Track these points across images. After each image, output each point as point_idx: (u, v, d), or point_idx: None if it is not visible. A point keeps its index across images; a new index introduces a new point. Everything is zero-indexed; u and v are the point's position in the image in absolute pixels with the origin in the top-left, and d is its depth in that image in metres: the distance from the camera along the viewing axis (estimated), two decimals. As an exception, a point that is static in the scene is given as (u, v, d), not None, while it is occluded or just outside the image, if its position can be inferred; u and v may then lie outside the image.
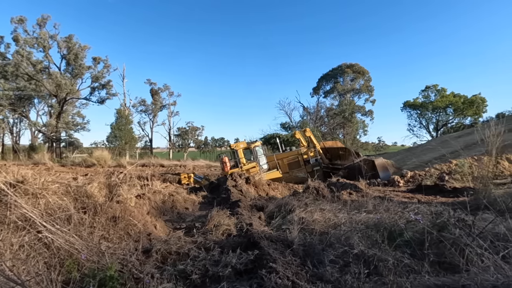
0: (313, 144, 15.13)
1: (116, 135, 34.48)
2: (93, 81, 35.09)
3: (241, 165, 13.69)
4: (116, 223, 3.51)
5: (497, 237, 2.66)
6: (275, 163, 14.49)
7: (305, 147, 15.24)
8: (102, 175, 8.60)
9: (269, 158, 14.89)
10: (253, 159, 14.19)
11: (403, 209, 4.23)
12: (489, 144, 5.46)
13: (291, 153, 15.20)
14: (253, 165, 13.98)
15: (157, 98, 47.59)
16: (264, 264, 2.59)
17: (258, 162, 14.08)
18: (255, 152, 14.31)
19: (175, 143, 51.90)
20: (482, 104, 38.86)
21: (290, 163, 14.75)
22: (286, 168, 14.62)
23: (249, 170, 13.58)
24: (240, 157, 13.87)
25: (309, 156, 14.79)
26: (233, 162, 14.25)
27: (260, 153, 14.59)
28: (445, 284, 1.95)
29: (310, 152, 14.89)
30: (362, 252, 2.69)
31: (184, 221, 5.95)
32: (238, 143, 14.52)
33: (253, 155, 14.27)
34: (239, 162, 13.79)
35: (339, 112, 41.79)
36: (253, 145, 14.50)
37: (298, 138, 15.78)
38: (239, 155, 13.90)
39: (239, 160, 13.82)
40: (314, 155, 14.83)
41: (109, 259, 2.61)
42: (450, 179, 10.11)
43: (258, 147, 14.72)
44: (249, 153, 14.38)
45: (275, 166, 14.45)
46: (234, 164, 14.11)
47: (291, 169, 14.61)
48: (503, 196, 4.69)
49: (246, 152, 14.32)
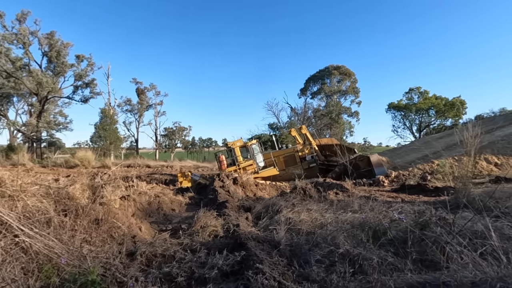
0: (309, 141, 15.33)
1: (101, 135, 33.61)
2: (76, 80, 34.07)
3: (238, 163, 13.74)
4: (99, 225, 3.41)
5: (476, 234, 2.76)
6: (271, 160, 14.59)
7: (301, 145, 15.42)
8: (85, 176, 8.34)
9: (266, 156, 15.01)
10: (250, 157, 14.24)
11: (387, 209, 4.33)
12: (468, 145, 5.66)
13: (287, 151, 15.37)
14: (250, 162, 14.02)
15: (143, 97, 46.77)
16: (250, 265, 2.58)
17: (255, 160, 14.14)
18: (251, 150, 14.40)
19: (161, 143, 51.17)
20: (462, 106, 40.37)
21: (286, 160, 14.92)
22: (283, 165, 14.78)
23: (246, 168, 13.65)
24: (237, 155, 13.92)
25: (305, 153, 14.98)
26: (230, 160, 14.28)
27: (256, 151, 14.69)
28: (427, 282, 2.00)
29: (306, 149, 15.08)
30: (348, 252, 2.73)
31: (171, 222, 5.86)
32: (235, 141, 14.60)
33: (249, 153, 14.34)
34: (236, 160, 13.83)
35: (326, 113, 42.35)
36: (250, 143, 14.63)
37: (294, 135, 16.05)
38: (236, 153, 13.95)
39: (236, 158, 13.87)
40: (310, 152, 15.01)
41: (91, 263, 2.53)
42: (432, 179, 10.42)
43: (254, 145, 14.84)
44: (245, 151, 14.45)
45: (271, 163, 14.56)
46: (231, 163, 14.15)
47: (288, 166, 14.77)
48: (481, 195, 4.87)
49: (243, 150, 14.38)
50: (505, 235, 2.82)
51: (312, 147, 15.05)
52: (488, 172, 11.29)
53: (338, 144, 16.24)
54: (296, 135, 15.85)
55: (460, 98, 40.78)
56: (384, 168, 12.98)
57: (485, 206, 3.84)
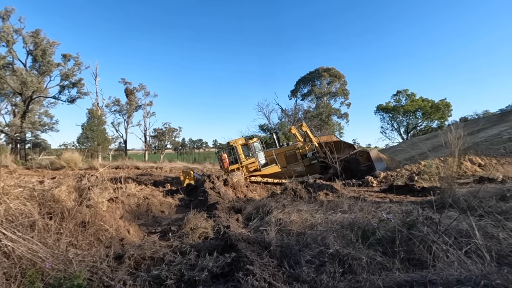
0: (310, 139, 15.50)
1: (88, 136, 32.86)
2: (63, 79, 33.25)
3: (240, 161, 13.80)
4: (86, 228, 3.34)
5: (461, 233, 2.83)
6: (273, 158, 14.71)
7: (301, 142, 15.55)
8: (72, 178, 8.12)
9: (268, 154, 15.17)
10: (251, 155, 14.33)
11: (376, 209, 4.40)
12: (453, 146, 5.81)
13: (288, 148, 15.54)
14: (252, 160, 14.12)
15: (132, 98, 46.03)
16: (241, 266, 2.57)
17: (256, 157, 14.24)
18: (253, 148, 14.50)
19: (151, 144, 50.44)
20: (447, 108, 41.48)
21: (287, 157, 15.10)
22: (284, 162, 14.94)
23: (248, 165, 13.79)
24: (239, 153, 13.95)
25: (306, 150, 15.14)
26: (232, 158, 14.34)
27: (258, 149, 14.79)
28: (414, 280, 2.04)
29: (306, 146, 15.24)
30: (337, 252, 2.75)
31: (160, 224, 5.78)
32: (237, 139, 14.67)
33: (251, 151, 14.44)
34: (239, 158, 13.86)
35: (316, 115, 42.75)
36: (251, 141, 14.73)
37: (293, 133, 16.17)
38: (238, 151, 13.99)
39: (239, 156, 13.89)
40: (310, 149, 15.17)
41: (77, 267, 2.47)
42: (419, 179, 10.64)
43: (256, 143, 14.95)
44: (247, 149, 14.53)
45: (273, 161, 14.66)
46: (232, 161, 14.20)
47: (289, 163, 14.94)
48: (465, 195, 5.01)
49: (244, 149, 14.45)
50: (489, 233, 2.91)
51: (313, 144, 15.23)
52: (472, 172, 11.62)
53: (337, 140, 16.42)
54: (296, 133, 16.04)
55: (446, 101, 41.97)
56: (383, 163, 13.18)
57: (470, 205, 3.94)
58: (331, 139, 16.29)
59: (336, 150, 15.63)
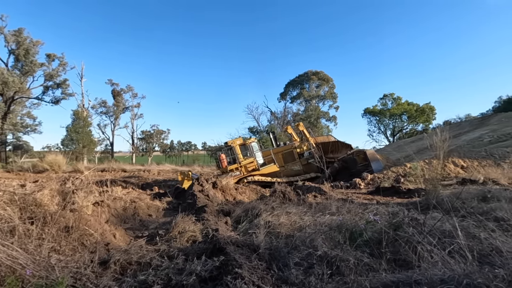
0: (306, 138, 15.66)
1: (73, 138, 32.01)
2: (47, 80, 32.38)
3: (239, 161, 13.85)
4: (70, 233, 3.24)
5: (444, 234, 2.91)
6: (271, 158, 14.81)
7: (297, 142, 15.68)
8: (55, 181, 7.88)
9: (266, 153, 15.28)
10: (249, 155, 14.41)
11: (363, 211, 4.47)
12: (437, 148, 5.99)
13: (285, 148, 15.64)
14: (251, 160, 14.17)
15: (119, 99, 45.19)
16: (229, 270, 2.55)
17: (255, 157, 14.32)
18: (251, 148, 14.61)
19: (138, 147, 49.60)
20: (431, 112, 42.72)
21: (285, 157, 15.21)
22: (282, 162, 15.04)
23: (247, 165, 13.86)
24: (237, 153, 13.99)
25: (303, 149, 15.24)
26: (229, 159, 14.37)
27: (256, 149, 14.88)
28: (400, 281, 2.08)
29: (303, 145, 15.35)
30: (326, 254, 2.77)
31: (147, 228, 5.67)
32: (235, 139, 14.76)
33: (249, 151, 14.54)
34: (237, 158, 13.90)
35: (305, 117, 43.15)
36: (249, 141, 14.85)
37: (290, 133, 16.34)
38: (237, 151, 14.02)
39: (237, 156, 13.93)
40: (307, 148, 15.29)
41: (59, 273, 2.39)
42: (405, 181, 10.88)
43: (254, 143, 15.07)
44: (244, 149, 14.61)
45: (271, 160, 14.76)
46: (230, 161, 14.22)
47: (286, 163, 15.05)
48: (449, 196, 5.15)
49: (242, 149, 14.53)
50: (471, 233, 3.00)
51: (310, 144, 15.36)
52: (455, 174, 11.97)
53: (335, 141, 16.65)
54: (292, 133, 16.22)
55: (430, 105, 43.21)
56: (380, 163, 13.37)
57: (453, 206, 4.06)
58: (328, 139, 16.53)
59: (333, 150, 15.91)
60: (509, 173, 9.92)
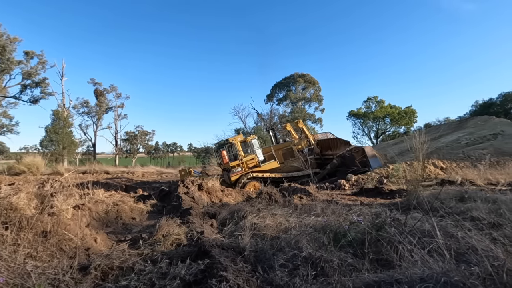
0: (305, 135, 15.89)
1: (52, 139, 30.83)
2: (25, 78, 31.15)
3: (240, 158, 14.00)
4: (47, 238, 3.11)
5: (424, 233, 3.00)
6: (271, 154, 15.00)
7: (296, 138, 15.93)
8: (33, 184, 7.56)
9: (266, 150, 15.49)
10: (250, 152, 14.59)
11: (347, 212, 4.54)
12: (417, 150, 6.18)
13: (285, 144, 15.84)
14: (252, 157, 14.31)
15: (102, 99, 44.00)
16: (214, 273, 2.52)
17: (256, 154, 14.50)
18: (251, 145, 14.80)
19: (122, 148, 48.42)
20: (413, 115, 44.12)
21: (285, 153, 15.34)
22: (281, 158, 15.15)
23: (248, 162, 14.04)
24: (238, 149, 14.16)
25: (302, 146, 15.46)
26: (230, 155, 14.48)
27: (256, 146, 15.05)
28: (381, 280, 2.12)
29: (302, 142, 15.59)
30: (310, 255, 2.80)
31: (130, 232, 5.54)
32: (236, 136, 14.92)
33: (249, 147, 14.74)
34: (238, 154, 14.07)
35: (291, 119, 43.46)
36: (250, 138, 15.06)
37: (289, 130, 16.52)
38: (238, 148, 14.20)
39: (238, 152, 14.09)
40: (306, 145, 15.51)
41: (36, 280, 2.30)
42: (388, 182, 11.16)
43: (254, 139, 15.24)
44: (245, 146, 14.83)
45: (271, 157, 14.92)
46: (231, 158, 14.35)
47: (286, 159, 15.17)
48: (428, 197, 5.32)
49: (242, 146, 14.70)
50: (449, 233, 3.10)
51: (309, 140, 15.60)
52: (435, 175, 12.39)
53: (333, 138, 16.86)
54: (291, 130, 16.42)
55: (412, 108, 44.64)
56: (378, 160, 13.61)
57: (432, 207, 4.20)
58: (327, 136, 16.76)
59: (332, 147, 16.16)
60: (485, 174, 10.38)
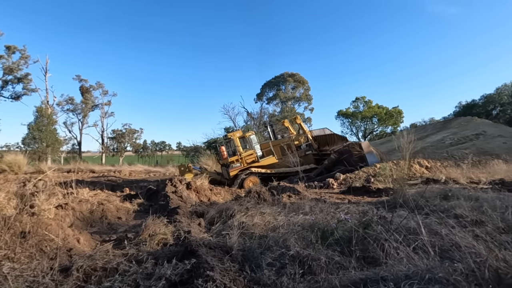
0: (303, 131, 16.08)
1: (35, 136, 29.86)
2: (6, 73, 30.09)
3: (239, 153, 14.08)
4: (26, 239, 2.99)
5: (409, 231, 3.05)
6: (269, 150, 15.13)
7: (294, 134, 16.08)
8: (14, 183, 7.30)
9: (265, 145, 15.62)
10: (248, 147, 14.72)
11: (335, 210, 4.58)
12: (404, 150, 6.30)
13: (283, 140, 15.92)
14: (250, 152, 14.42)
15: (88, 96, 42.92)
16: (201, 273, 2.48)
17: (254, 149, 14.61)
18: (250, 140, 14.94)
19: (109, 146, 47.42)
20: (399, 115, 45.06)
21: (283, 149, 15.43)
22: (280, 154, 15.25)
23: (247, 157, 14.17)
24: (237, 145, 14.24)
25: (300, 141, 15.58)
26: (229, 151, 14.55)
27: (255, 141, 15.23)
28: (368, 278, 2.14)
29: (300, 138, 15.72)
30: (298, 253, 2.80)
31: (116, 232, 5.41)
32: (234, 132, 15.13)
33: (248, 143, 14.88)
34: (237, 150, 14.14)
35: (281, 118, 43.61)
36: (248, 134, 15.22)
37: (286, 126, 16.79)
38: (236, 143, 14.29)
39: (237, 148, 14.17)
40: (304, 140, 15.65)
41: (13, 283, 2.20)
42: (375, 181, 11.34)
43: (252, 135, 15.44)
44: (243, 142, 14.96)
45: (269, 152, 15.05)
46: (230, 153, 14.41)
47: (284, 155, 15.24)
48: (414, 195, 5.42)
49: (241, 141, 14.78)
50: (433, 230, 3.16)
51: (307, 136, 15.74)
52: (420, 174, 12.68)
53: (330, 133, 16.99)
54: (288, 126, 16.67)
55: (398, 108, 45.60)
56: (375, 155, 13.78)
57: (417, 205, 4.28)
58: (324, 132, 16.90)
59: (329, 143, 16.33)
60: (468, 173, 10.69)
